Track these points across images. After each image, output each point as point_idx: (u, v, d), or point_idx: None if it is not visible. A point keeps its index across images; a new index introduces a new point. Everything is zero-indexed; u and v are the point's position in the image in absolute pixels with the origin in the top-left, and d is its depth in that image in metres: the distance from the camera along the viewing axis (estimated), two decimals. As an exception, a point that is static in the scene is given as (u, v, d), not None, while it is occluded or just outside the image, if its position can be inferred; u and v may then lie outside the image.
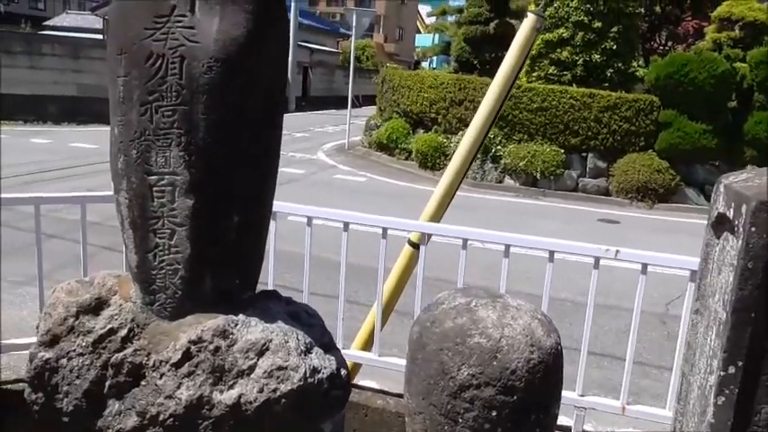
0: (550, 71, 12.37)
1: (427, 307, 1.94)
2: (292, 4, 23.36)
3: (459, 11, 19.81)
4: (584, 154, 11.80)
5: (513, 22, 15.08)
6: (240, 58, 1.82)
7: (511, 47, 2.91)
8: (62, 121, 15.21)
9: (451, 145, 12.69)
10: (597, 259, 2.41)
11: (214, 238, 1.92)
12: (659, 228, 9.54)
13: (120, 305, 2.00)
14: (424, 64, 38.11)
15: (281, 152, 2.02)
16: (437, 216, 3.07)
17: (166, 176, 1.87)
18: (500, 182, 12.19)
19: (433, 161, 12.95)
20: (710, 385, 1.58)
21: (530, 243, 2.54)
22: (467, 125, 12.19)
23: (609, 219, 10.03)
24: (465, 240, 2.56)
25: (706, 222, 1.70)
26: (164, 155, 1.86)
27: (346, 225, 2.76)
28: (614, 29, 11.88)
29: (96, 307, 2.00)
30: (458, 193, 2.99)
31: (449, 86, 13.04)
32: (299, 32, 23.97)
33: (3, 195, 2.51)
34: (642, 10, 12.63)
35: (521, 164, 11.74)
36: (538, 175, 11.72)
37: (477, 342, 1.74)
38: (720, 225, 1.67)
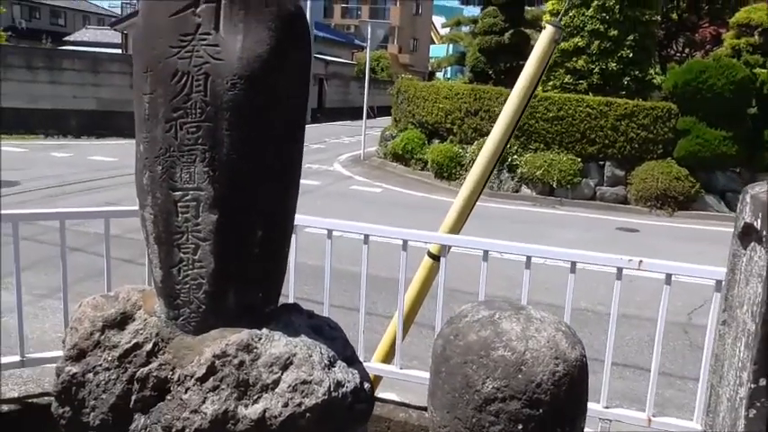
0: (566, 80, 12.33)
1: (450, 320, 1.94)
2: (307, 17, 23.54)
3: (474, 21, 19.88)
4: (601, 162, 11.73)
5: (528, 31, 15.09)
6: (264, 74, 1.84)
7: (529, 58, 2.92)
8: (82, 135, 15.45)
9: (467, 155, 12.69)
10: (620, 270, 2.39)
11: (238, 253, 1.93)
12: (680, 236, 9.43)
13: (145, 320, 2.02)
14: (439, 74, 38.22)
15: (298, 163, 2.04)
16: (457, 227, 3.07)
17: (191, 192, 1.89)
18: (517, 191, 12.14)
19: (448, 171, 12.94)
20: (741, 398, 1.56)
21: (551, 254, 2.53)
22: (482, 135, 12.23)
23: (628, 227, 9.94)
24: (486, 252, 2.55)
25: (729, 230, 1.68)
26: (188, 171, 1.88)
27: (366, 237, 2.77)
28: (630, 37, 11.82)
29: (121, 321, 2.03)
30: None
31: (464, 97, 13.05)
32: (314, 45, 24.17)
33: (29, 210, 2.56)
34: (658, 17, 12.57)
35: (537, 173, 11.69)
36: (555, 184, 11.66)
37: (501, 355, 1.73)
38: (747, 235, 1.65)
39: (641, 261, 2.33)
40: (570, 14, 12.11)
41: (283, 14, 1.87)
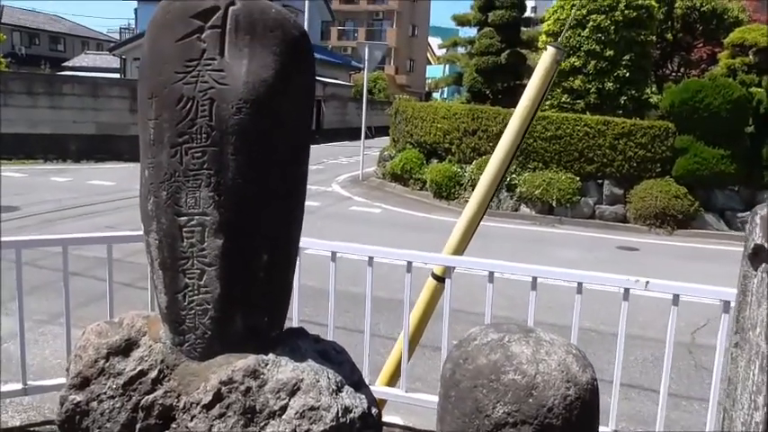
0: (563, 99, 12.40)
1: (459, 343, 1.92)
2: (305, 40, 23.73)
3: (471, 42, 20.05)
4: (599, 181, 11.74)
5: (524, 52, 15.22)
6: (269, 98, 1.84)
7: (531, 79, 2.93)
8: (81, 159, 15.47)
9: (466, 174, 12.71)
10: (627, 290, 2.37)
11: (243, 278, 1.92)
12: (680, 254, 9.41)
13: (150, 346, 2.00)
14: (435, 95, 38.46)
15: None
16: (461, 248, 3.06)
17: (196, 217, 1.89)
18: (516, 210, 12.14)
19: (447, 191, 12.95)
20: (756, 422, 1.54)
21: (557, 275, 2.51)
22: (481, 154, 12.23)
23: (628, 246, 9.92)
24: (491, 273, 2.54)
25: (728, 249, 1.67)
26: (194, 195, 1.88)
27: (371, 259, 2.76)
28: (627, 57, 11.92)
29: (126, 348, 2.00)
30: None
31: (462, 117, 13.11)
32: (312, 67, 24.29)
33: (31, 237, 2.55)
34: (654, 38, 12.69)
35: (536, 192, 11.70)
36: (554, 203, 11.66)
37: (511, 379, 1.71)
38: (757, 256, 1.64)
39: (648, 282, 2.31)
40: (567, 35, 12.22)
41: (288, 39, 1.89)
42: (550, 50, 2.87)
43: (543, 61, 2.87)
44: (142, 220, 1.98)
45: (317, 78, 26.28)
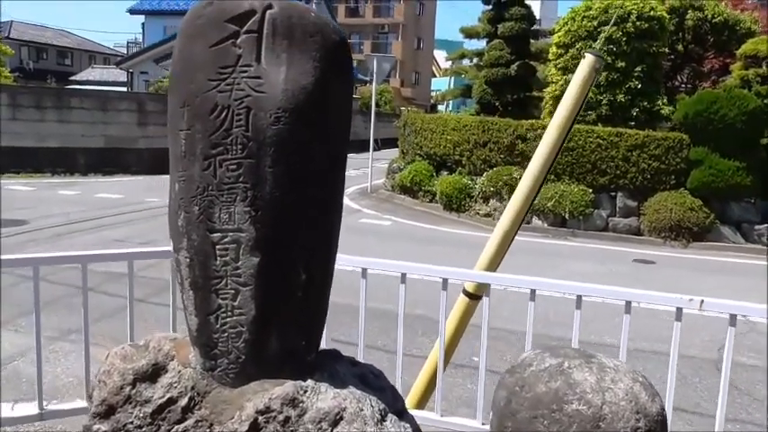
0: (575, 111, 12.29)
1: (512, 369, 1.78)
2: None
3: (478, 54, 20.02)
4: (612, 193, 11.60)
5: (533, 63, 15.16)
6: (309, 107, 1.73)
7: (568, 89, 2.82)
8: (89, 173, 15.42)
9: (476, 186, 12.60)
10: (679, 310, 2.24)
11: (281, 298, 1.80)
12: (698, 268, 9.25)
13: (179, 371, 1.87)
14: (440, 107, 38.43)
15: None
16: (494, 264, 2.93)
17: (230, 233, 1.76)
18: (528, 222, 11.99)
19: (458, 203, 12.83)
20: None
21: (605, 293, 2.38)
22: (492, 166, 12.11)
23: (644, 259, 9.76)
24: (533, 291, 2.41)
25: (746, 261, 1.54)
26: (228, 211, 1.76)
27: (403, 276, 2.63)
28: (638, 68, 11.82)
29: (153, 374, 1.88)
30: (484, 234, 2.86)
31: (472, 128, 13.02)
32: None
33: (48, 254, 2.43)
34: (666, 49, 12.59)
35: (549, 204, 11.57)
36: (567, 215, 11.52)
37: (576, 409, 1.57)
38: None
39: (702, 301, 2.18)
40: (577, 46, 12.15)
41: (328, 45, 1.78)
42: (589, 58, 2.76)
43: (581, 69, 2.76)
44: (171, 237, 1.86)
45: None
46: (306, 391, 1.76)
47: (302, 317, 1.85)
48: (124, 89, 25.15)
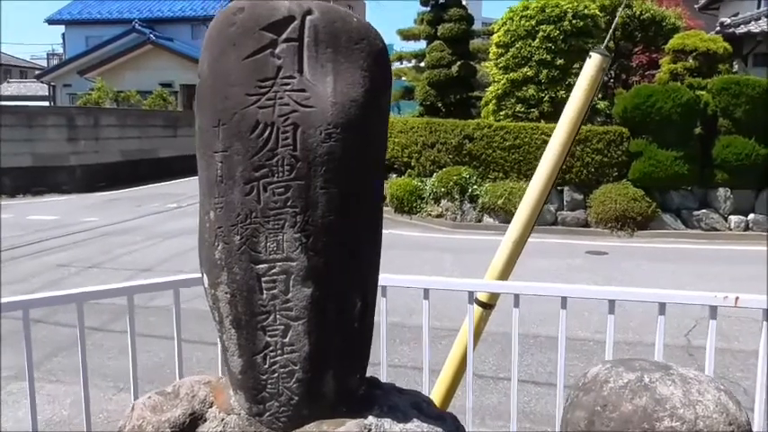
0: (518, 109, 12.50)
1: (585, 386, 1.69)
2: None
3: (416, 56, 20.09)
4: (559, 188, 11.86)
5: (473, 63, 15.34)
6: (360, 121, 1.59)
7: (575, 89, 2.77)
8: (17, 194, 14.45)
9: (427, 188, 12.60)
10: (713, 308, 2.22)
11: (337, 330, 1.64)
12: (649, 256, 9.55)
13: (222, 419, 1.68)
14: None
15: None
16: (507, 273, 2.86)
17: (279, 263, 1.59)
18: (479, 221, 12.11)
19: (409, 205, 12.80)
20: None
21: (637, 296, 2.34)
22: (441, 167, 12.09)
23: (597, 250, 10.01)
24: (564, 298, 2.34)
25: (689, 247, 1.54)
26: (275, 239, 1.58)
27: (426, 292, 2.51)
28: (576, 65, 12.11)
29: (191, 424, 1.68)
30: (438, 235, 2.78)
31: (419, 130, 13.03)
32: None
33: (46, 294, 2.17)
34: (601, 46, 12.99)
35: (499, 202, 11.70)
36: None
37: (669, 426, 1.50)
38: None
39: (738, 298, 2.17)
40: (517, 45, 12.37)
41: (374, 52, 1.64)
42: (595, 57, 2.72)
43: (588, 69, 2.72)
44: (206, 272, 1.66)
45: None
46: (370, 430, 1.61)
47: (358, 348, 1.70)
48: (46, 104, 23.80)
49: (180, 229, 10.62)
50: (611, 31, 3.64)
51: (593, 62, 2.71)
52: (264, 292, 1.61)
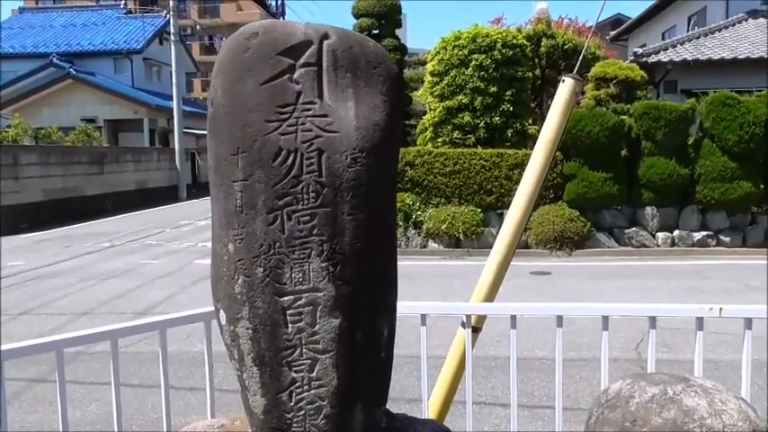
0: (455, 136, 12.80)
1: (609, 403, 1.71)
2: (174, 93, 22.77)
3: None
4: (499, 211, 12.16)
5: (407, 92, 15.61)
6: (383, 145, 1.57)
7: (550, 112, 2.86)
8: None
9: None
10: (700, 320, 2.31)
11: (366, 361, 1.59)
12: (589, 274, 9.90)
13: (245, 464, 1.58)
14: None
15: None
16: (491, 295, 2.87)
17: (305, 295, 1.53)
18: (424, 246, 12.21)
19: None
20: None
21: (629, 311, 2.41)
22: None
23: (540, 270, 10.27)
24: (559, 317, 2.37)
25: (624, 264, 1.65)
26: (301, 269, 1.53)
27: (423, 318, 2.49)
28: (509, 92, 12.60)
29: (212, 472, 1.57)
30: None
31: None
32: (183, 120, 23.31)
33: (78, 333, 2.01)
34: (531, 74, 13.56)
35: (443, 227, 11.86)
36: (460, 236, 11.88)
37: (701, 437, 1.53)
38: None
39: (721, 308, 2.27)
40: (451, 74, 12.71)
41: (391, 75, 1.63)
42: (568, 82, 2.82)
43: (561, 93, 2.81)
44: (225, 308, 1.58)
45: (191, 131, 24.99)
46: (405, 463, 1.56)
47: (384, 379, 1.65)
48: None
49: (117, 268, 10.12)
50: (579, 56, 3.79)
51: (566, 86, 2.80)
52: (290, 325, 1.54)
